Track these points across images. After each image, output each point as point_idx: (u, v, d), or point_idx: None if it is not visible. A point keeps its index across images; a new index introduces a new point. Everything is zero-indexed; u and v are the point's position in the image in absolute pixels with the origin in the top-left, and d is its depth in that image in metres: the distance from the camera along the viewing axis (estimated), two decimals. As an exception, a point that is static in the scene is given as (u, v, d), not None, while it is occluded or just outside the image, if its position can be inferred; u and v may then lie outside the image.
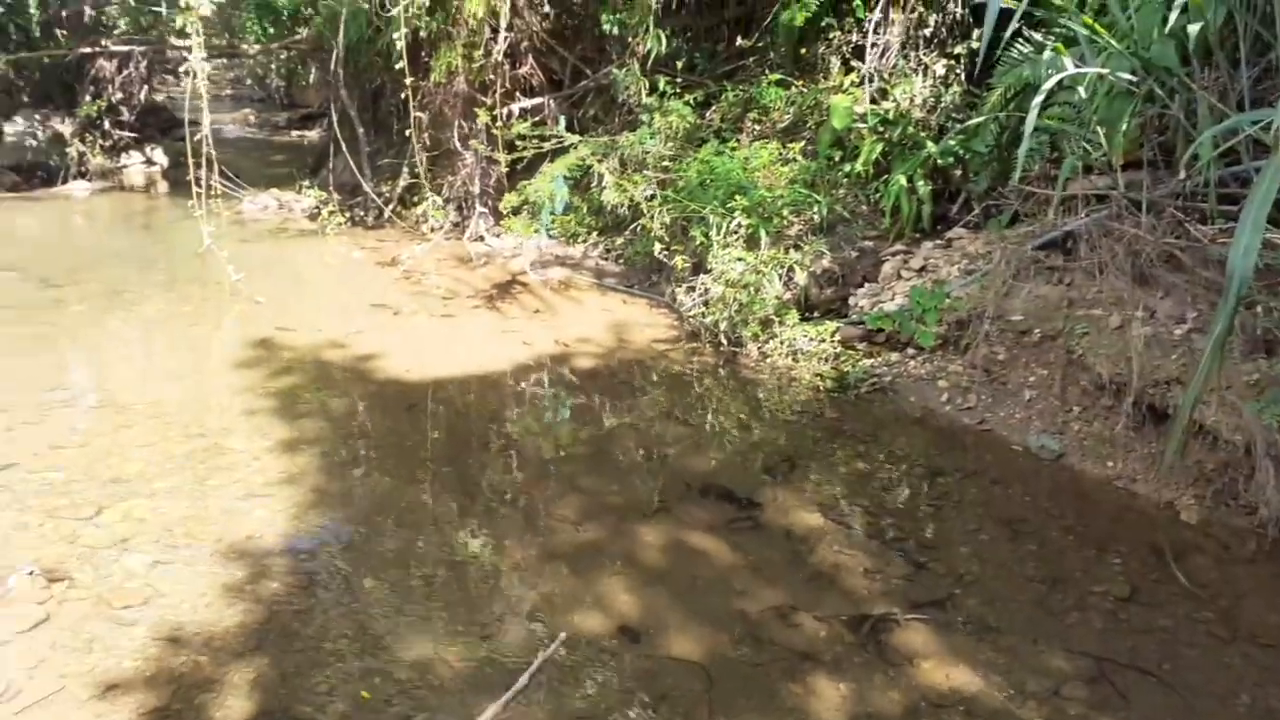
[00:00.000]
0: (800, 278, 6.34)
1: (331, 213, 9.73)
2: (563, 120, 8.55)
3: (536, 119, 8.59)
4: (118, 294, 7.15)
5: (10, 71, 12.95)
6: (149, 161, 13.79)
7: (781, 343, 6.04)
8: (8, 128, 12.48)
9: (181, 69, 8.17)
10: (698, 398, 5.69)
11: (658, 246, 6.80)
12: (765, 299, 6.11)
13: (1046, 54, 5.18)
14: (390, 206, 10.11)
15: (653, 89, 7.77)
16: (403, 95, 10.98)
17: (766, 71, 7.86)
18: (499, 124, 7.98)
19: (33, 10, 12.95)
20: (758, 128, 7.67)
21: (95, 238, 9.83)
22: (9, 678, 2.77)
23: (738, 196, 6.51)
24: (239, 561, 3.51)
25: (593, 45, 9.18)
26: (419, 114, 9.40)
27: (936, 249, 6.40)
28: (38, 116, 12.69)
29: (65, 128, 12.68)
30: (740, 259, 6.22)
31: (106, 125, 13.00)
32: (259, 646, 3.03)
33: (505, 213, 7.81)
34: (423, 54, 9.43)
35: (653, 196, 7.03)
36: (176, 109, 13.92)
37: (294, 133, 19.72)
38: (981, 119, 6.15)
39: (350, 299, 7.47)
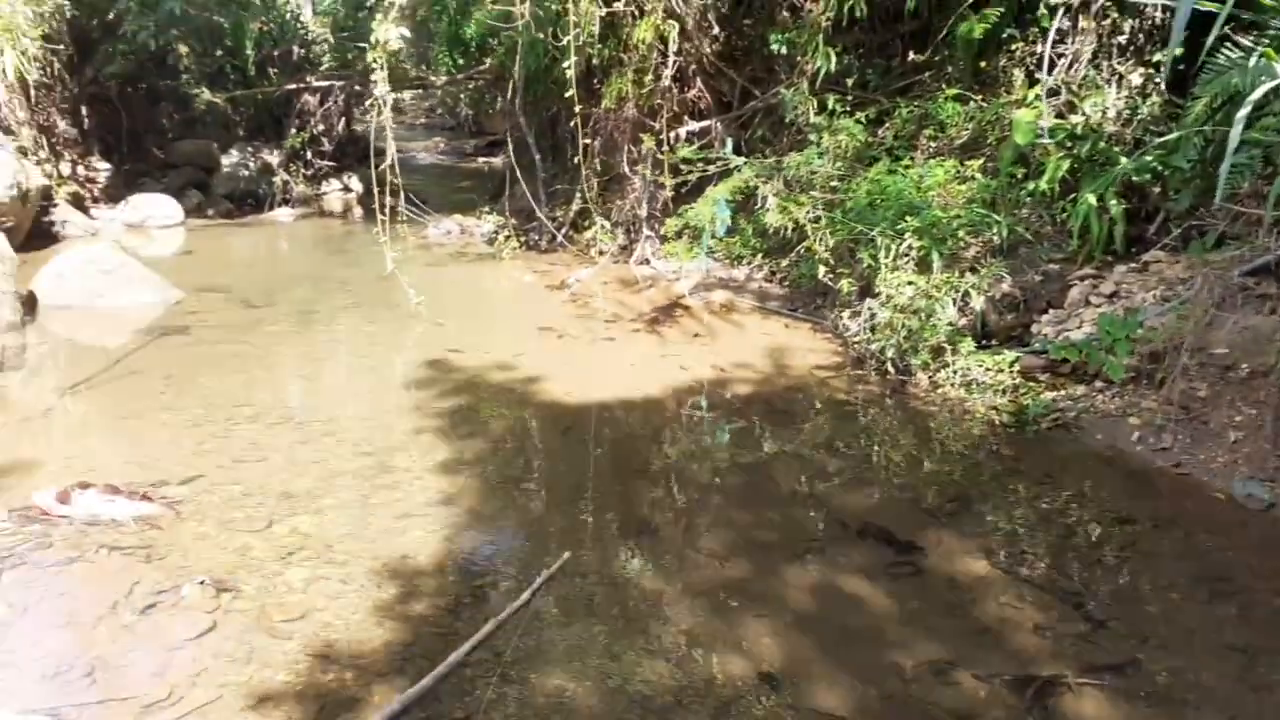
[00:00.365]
0: (977, 303, 5.98)
1: (507, 238, 10.06)
2: (730, 142, 8.49)
3: (703, 141, 8.58)
4: (309, 315, 7.63)
5: (229, 108, 14.22)
6: (346, 188, 14.76)
7: (954, 372, 5.72)
8: (224, 160, 13.65)
9: (368, 102, 8.68)
10: (861, 429, 5.45)
11: (822, 270, 6.60)
12: (937, 325, 5.80)
13: (1255, 60, 4.67)
14: (562, 231, 10.36)
15: (822, 108, 7.59)
16: (573, 123, 11.35)
17: (944, 86, 7.51)
18: (666, 148, 8.00)
19: (249, 52, 14.20)
20: (933, 145, 7.34)
21: (294, 261, 10.58)
22: (173, 683, 2.94)
23: (909, 217, 6.23)
24: (391, 581, 3.61)
25: (762, 65, 9.09)
26: (589, 141, 9.60)
27: (1130, 273, 5.89)
28: (250, 149, 13.83)
29: (273, 158, 13.77)
30: (910, 283, 5.94)
31: (309, 155, 14.04)
32: (402, 668, 3.08)
33: (669, 236, 7.80)
34: (595, 81, 9.63)
35: (818, 218, 6.84)
36: (375, 138, 14.91)
37: (480, 159, 20.60)
38: (1183, 132, 5.62)
39: (519, 321, 7.66)
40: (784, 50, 8.30)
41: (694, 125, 8.79)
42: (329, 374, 6.15)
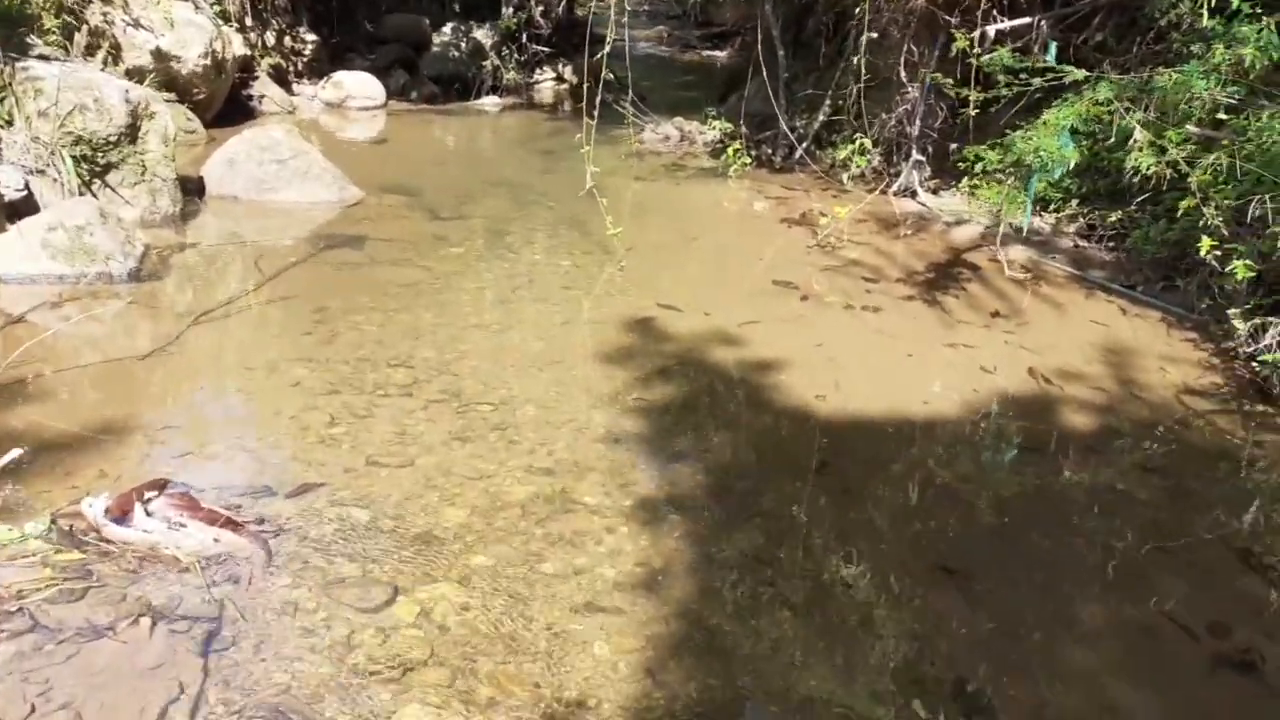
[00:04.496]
0: None
1: (736, 151, 8.35)
2: (1053, 48, 6.36)
3: (1016, 46, 6.48)
4: (499, 236, 6.31)
5: (448, -20, 13.06)
6: (559, 79, 13.39)
7: None
8: (435, 38, 12.53)
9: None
10: (1278, 514, 3.55)
11: (1206, 242, 4.51)
12: None
13: None
14: (803, 145, 8.56)
15: (1216, 9, 5.34)
16: (836, 11, 9.33)
17: None
18: (975, 50, 5.99)
19: (470, -81, 12.89)
20: (1392, 69, 4.99)
21: (493, 162, 9.32)
22: None
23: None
24: (554, 755, 2.20)
25: (1115, -56, 6.78)
26: (860, 37, 7.70)
27: None
28: (463, 28, 12.63)
29: (486, 39, 12.52)
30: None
31: (524, 39, 12.68)
32: None
33: (973, 172, 5.85)
34: (872, -40, 7.62)
35: (1204, 164, 4.75)
36: (596, 24, 13.42)
37: (704, 53, 18.90)
38: None
39: (748, 269, 6.06)
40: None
41: (1005, 24, 6.67)
42: (511, 329, 4.78)
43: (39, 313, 4.60)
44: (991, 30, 6.52)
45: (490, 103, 11.76)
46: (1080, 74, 5.48)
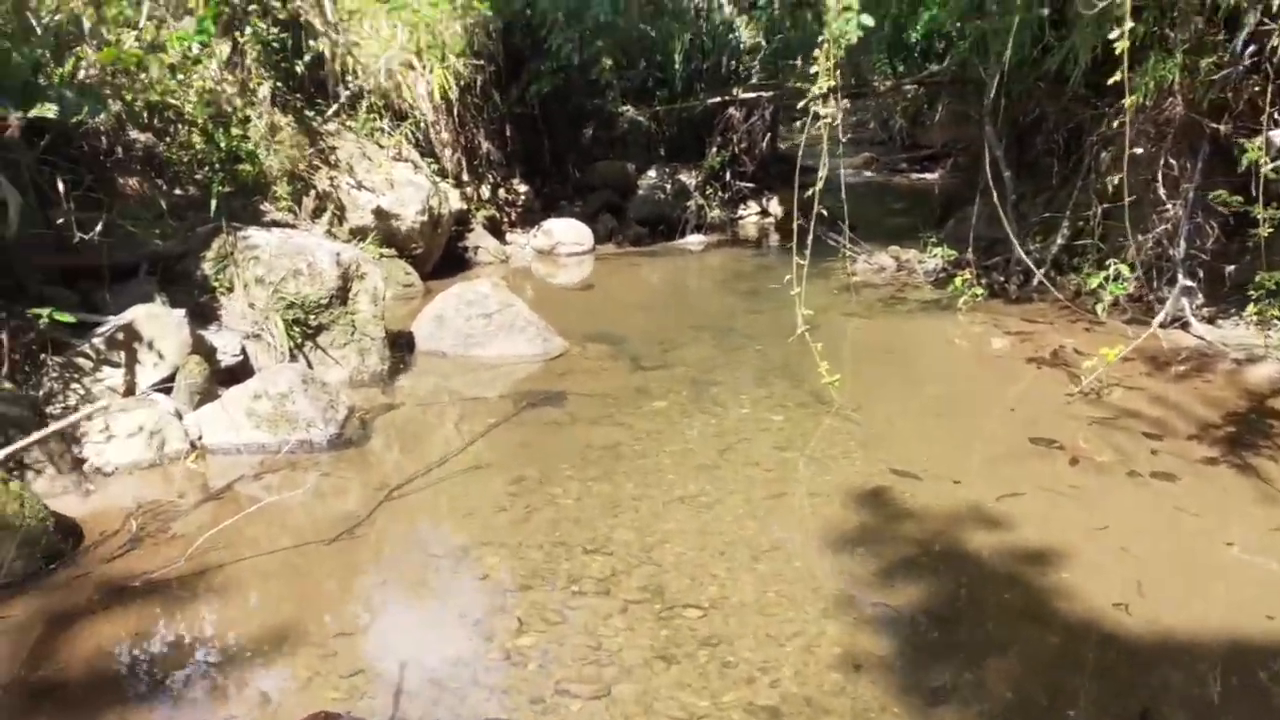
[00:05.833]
0: None
1: (965, 280, 7.58)
2: (1359, 152, 5.32)
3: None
4: (704, 387, 5.80)
5: (651, 126, 13.24)
6: (764, 212, 13.15)
7: None
8: (641, 181, 12.60)
9: (800, 105, 6.67)
10: None
11: None
12: None
13: None
14: (1041, 271, 7.67)
15: None
16: (1069, 128, 8.55)
17: None
18: (1265, 159, 5.06)
19: (678, 66, 13.10)
20: None
21: (697, 303, 8.96)
22: None
23: None
24: None
25: None
26: (1099, 151, 6.94)
27: None
28: (667, 170, 12.66)
29: (690, 180, 12.46)
30: None
31: (727, 176, 12.54)
32: None
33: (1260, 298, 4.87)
34: (1114, 71, 6.86)
35: None
36: (802, 156, 13.12)
37: (913, 175, 18.30)
38: None
39: (995, 422, 5.22)
40: None
41: (1291, 127, 5.69)
42: (719, 502, 4.18)
43: (241, 484, 4.47)
44: (1278, 136, 5.54)
45: (694, 241, 11.58)
46: None
